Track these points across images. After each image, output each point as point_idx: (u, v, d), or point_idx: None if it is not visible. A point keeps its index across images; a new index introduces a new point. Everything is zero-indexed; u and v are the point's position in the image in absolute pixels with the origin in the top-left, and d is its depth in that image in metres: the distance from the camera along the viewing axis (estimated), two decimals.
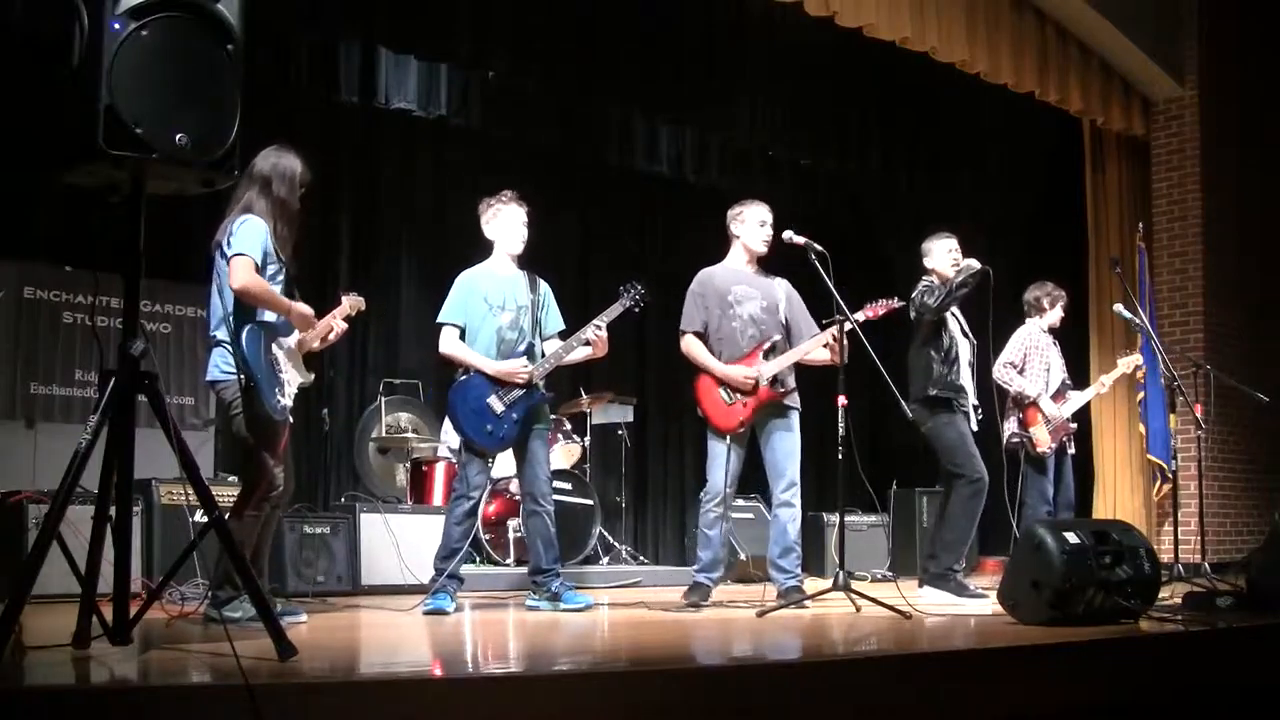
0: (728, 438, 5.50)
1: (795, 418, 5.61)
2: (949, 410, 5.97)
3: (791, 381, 5.62)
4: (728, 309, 5.61)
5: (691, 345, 5.64)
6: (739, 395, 5.49)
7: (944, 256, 6.10)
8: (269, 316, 4.47)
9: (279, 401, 4.41)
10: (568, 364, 5.51)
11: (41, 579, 3.08)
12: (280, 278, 4.51)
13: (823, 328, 5.57)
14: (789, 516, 5.52)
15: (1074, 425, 6.97)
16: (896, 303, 5.68)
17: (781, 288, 5.74)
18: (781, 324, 5.67)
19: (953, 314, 6.09)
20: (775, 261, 5.80)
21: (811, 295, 5.78)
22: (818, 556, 8.27)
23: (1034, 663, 3.75)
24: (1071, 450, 7.02)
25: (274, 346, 4.48)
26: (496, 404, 5.22)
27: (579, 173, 9.21)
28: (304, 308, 4.56)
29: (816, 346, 5.54)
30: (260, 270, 4.38)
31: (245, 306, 4.40)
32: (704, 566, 5.57)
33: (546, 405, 5.45)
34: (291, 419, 4.62)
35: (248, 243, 4.34)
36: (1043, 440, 6.73)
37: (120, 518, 3.22)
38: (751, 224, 5.70)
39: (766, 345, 5.56)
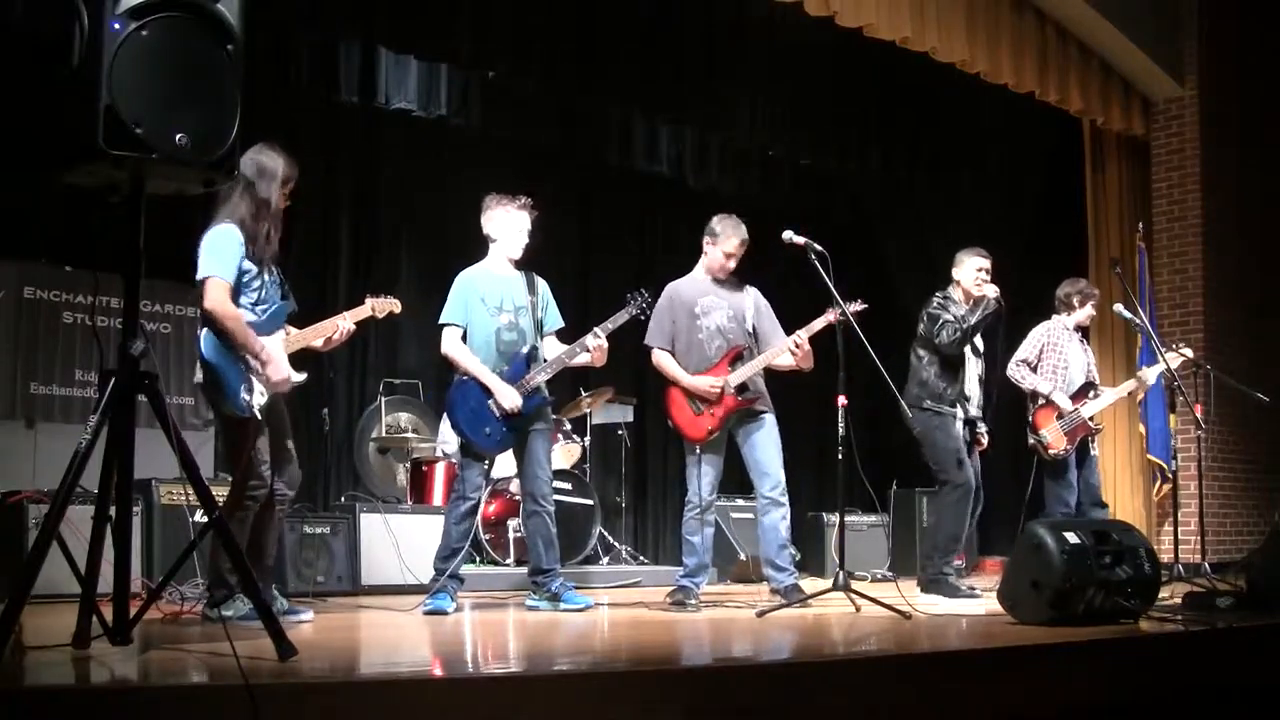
0: (698, 448, 5.54)
1: (770, 419, 5.64)
2: (940, 414, 6.00)
3: (761, 387, 5.64)
4: (694, 320, 5.64)
5: (661, 359, 5.68)
6: (706, 405, 5.52)
7: (970, 274, 6.13)
8: (245, 314, 4.42)
9: (244, 399, 4.37)
10: (572, 366, 5.51)
11: (41, 579, 3.08)
12: (256, 284, 4.46)
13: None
14: (779, 515, 5.53)
15: (1100, 426, 6.84)
16: (859, 305, 5.57)
17: (750, 296, 5.76)
18: (749, 333, 5.69)
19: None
20: (775, 261, 5.79)
21: (811, 295, 5.78)
22: (818, 556, 8.27)
23: (1034, 663, 3.75)
24: (1095, 451, 6.83)
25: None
26: (495, 406, 5.21)
27: (579, 173, 9.21)
28: (272, 363, 4.43)
29: (779, 354, 5.56)
30: (237, 282, 4.37)
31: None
32: (689, 572, 5.60)
33: (548, 407, 5.45)
34: (286, 417, 4.62)
35: (220, 262, 4.33)
36: (1056, 442, 6.59)
37: (120, 518, 3.22)
38: (718, 251, 5.67)
39: (732, 356, 5.59)
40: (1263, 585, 5.05)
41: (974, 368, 6.17)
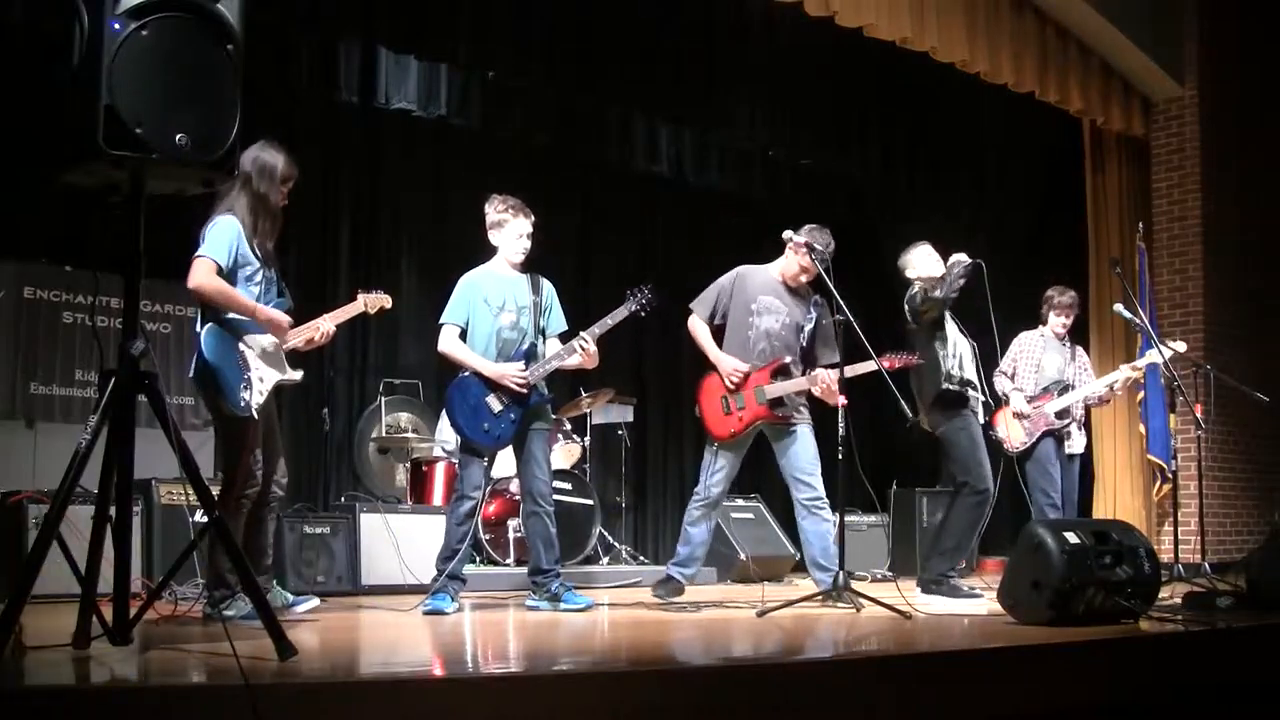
0: (716, 444, 5.51)
1: (803, 429, 5.60)
2: (962, 413, 5.79)
3: (796, 401, 5.59)
4: (748, 315, 5.61)
5: (696, 326, 5.67)
6: (736, 407, 5.51)
7: (925, 260, 5.88)
8: (236, 314, 4.45)
9: (243, 399, 4.38)
10: (565, 368, 5.49)
11: (41, 579, 3.08)
12: (258, 278, 4.49)
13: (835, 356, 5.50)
14: (817, 520, 5.51)
15: (1061, 422, 6.71)
16: (916, 359, 5.58)
17: (814, 311, 5.70)
18: (800, 346, 5.65)
19: (949, 316, 5.97)
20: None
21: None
22: None
23: (1034, 663, 3.75)
24: (1073, 450, 6.81)
25: (242, 344, 4.45)
26: (494, 403, 5.21)
27: (579, 173, 9.21)
28: (273, 313, 4.52)
29: (813, 385, 5.47)
30: (231, 272, 4.39)
31: (209, 304, 4.42)
32: (680, 561, 5.63)
33: (548, 406, 5.44)
34: (275, 415, 4.63)
35: (212, 244, 4.38)
36: (1012, 437, 6.66)
37: (120, 518, 3.22)
38: (797, 258, 5.60)
39: (775, 367, 5.56)
40: (1263, 585, 5.05)
41: (967, 354, 5.98)
